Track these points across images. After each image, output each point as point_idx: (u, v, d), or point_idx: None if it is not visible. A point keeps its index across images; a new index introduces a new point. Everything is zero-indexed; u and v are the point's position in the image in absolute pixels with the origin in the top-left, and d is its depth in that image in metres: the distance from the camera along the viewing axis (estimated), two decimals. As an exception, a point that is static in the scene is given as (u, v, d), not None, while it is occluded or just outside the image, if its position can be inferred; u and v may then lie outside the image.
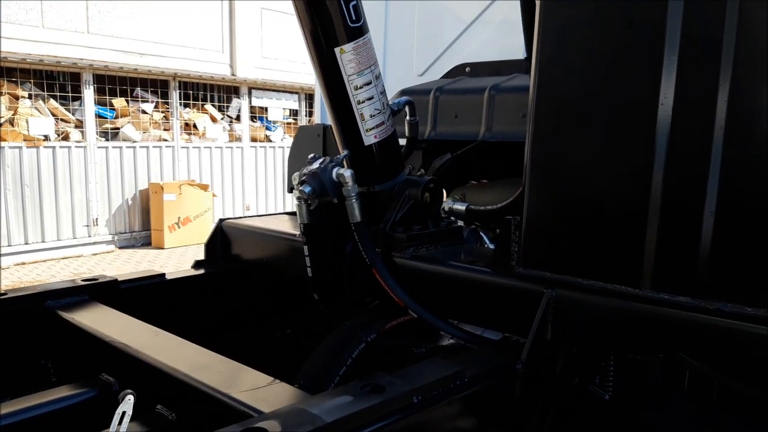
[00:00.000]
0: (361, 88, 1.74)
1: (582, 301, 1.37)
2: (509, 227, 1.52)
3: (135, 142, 10.35)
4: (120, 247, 10.29)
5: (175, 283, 2.03)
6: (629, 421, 1.65)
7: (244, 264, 2.25)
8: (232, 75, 11.79)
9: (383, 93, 1.81)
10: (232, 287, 2.23)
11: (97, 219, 9.98)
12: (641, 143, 1.28)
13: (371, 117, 1.78)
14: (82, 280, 1.83)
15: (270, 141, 12.64)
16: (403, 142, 2.08)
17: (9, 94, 9.15)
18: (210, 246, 2.29)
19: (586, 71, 1.37)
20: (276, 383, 1.23)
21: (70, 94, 9.78)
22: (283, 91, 12.86)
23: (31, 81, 9.46)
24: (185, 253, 9.88)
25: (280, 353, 2.26)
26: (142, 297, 1.89)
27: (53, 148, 9.43)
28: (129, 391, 1.05)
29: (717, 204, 1.21)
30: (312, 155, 1.79)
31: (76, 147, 9.68)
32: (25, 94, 9.36)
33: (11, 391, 1.50)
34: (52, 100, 9.62)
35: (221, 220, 2.30)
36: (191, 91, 11.34)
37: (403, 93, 2.57)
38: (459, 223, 2.25)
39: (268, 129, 12.74)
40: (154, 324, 1.63)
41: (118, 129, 10.22)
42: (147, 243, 10.55)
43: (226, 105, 12.01)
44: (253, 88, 12.34)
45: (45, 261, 9.33)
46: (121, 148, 10.17)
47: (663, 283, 1.28)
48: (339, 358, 1.67)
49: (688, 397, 1.77)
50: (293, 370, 1.68)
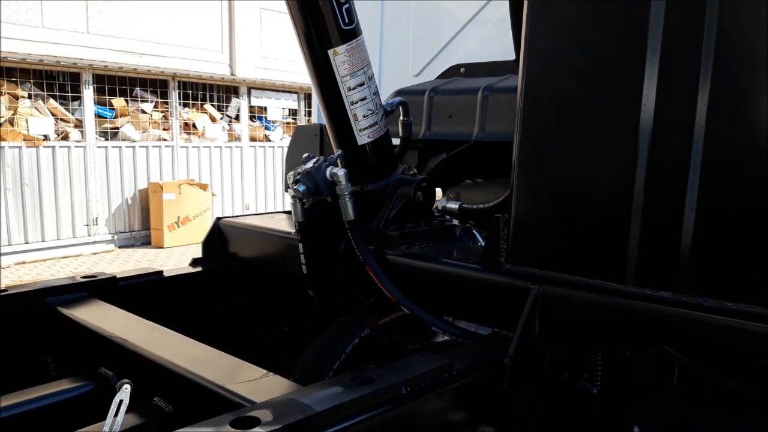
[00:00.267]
0: (354, 89, 1.78)
1: (568, 296, 1.41)
2: (498, 225, 1.56)
3: (134, 141, 10.39)
4: (120, 247, 10.32)
5: (172, 281, 2.07)
6: (617, 414, 1.68)
7: (240, 262, 2.29)
8: (232, 75, 11.83)
9: (376, 94, 1.85)
10: (229, 285, 2.26)
11: (96, 218, 10.02)
12: (625, 143, 1.32)
13: (364, 117, 1.82)
14: (81, 277, 1.86)
15: (269, 141, 12.67)
16: (396, 142, 2.11)
17: (9, 93, 9.18)
18: (207, 244, 2.32)
19: (572, 72, 1.41)
20: (270, 376, 1.27)
21: (70, 94, 9.82)
22: (282, 91, 12.89)
23: (31, 81, 9.49)
24: (185, 252, 9.91)
25: (276, 350, 2.29)
26: (139, 294, 1.92)
27: (53, 147, 9.46)
28: (126, 380, 1.09)
29: (697, 202, 1.24)
30: (306, 155, 1.82)
31: (76, 147, 9.71)
32: (25, 94, 9.39)
33: (11, 386, 1.52)
34: (51, 100, 9.65)
35: (218, 219, 2.34)
36: (191, 91, 11.38)
37: (399, 93, 2.61)
38: (454, 222, 2.29)
39: (267, 129, 12.78)
40: (151, 320, 1.66)
41: (118, 129, 10.26)
42: (146, 242, 10.59)
43: (225, 105, 12.04)
44: (253, 87, 12.37)
45: (45, 260, 9.36)
46: (120, 147, 10.21)
47: (646, 278, 1.31)
48: (333, 353, 1.71)
49: (676, 392, 1.81)
50: (289, 367, 1.71)
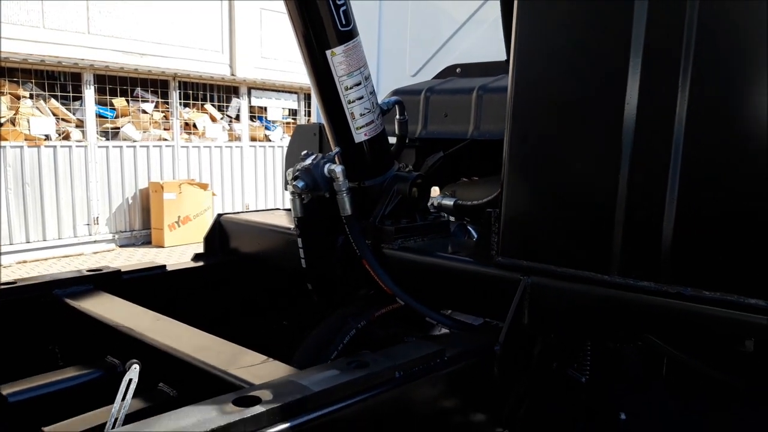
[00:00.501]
0: (351, 88, 1.84)
1: (556, 287, 1.47)
2: (489, 219, 1.62)
3: (135, 141, 10.44)
4: (120, 246, 10.38)
5: (175, 275, 2.13)
6: (605, 402, 1.74)
7: (241, 257, 2.34)
8: (232, 75, 11.88)
9: (372, 93, 1.91)
10: (230, 280, 2.32)
11: (97, 218, 10.07)
12: (609, 141, 1.38)
13: (361, 116, 1.88)
14: (87, 271, 1.92)
15: (269, 140, 12.73)
16: (393, 140, 2.18)
17: (10, 94, 9.23)
18: (209, 240, 2.38)
19: (559, 72, 1.47)
20: (270, 361, 1.33)
21: (71, 94, 9.87)
22: (282, 91, 12.95)
23: (33, 81, 9.54)
24: (185, 251, 9.96)
25: (275, 343, 2.35)
26: (143, 287, 1.98)
27: (54, 147, 9.51)
28: (134, 360, 1.15)
29: (678, 197, 1.30)
30: (305, 152, 1.88)
31: (77, 146, 9.76)
32: (27, 94, 9.44)
33: (20, 374, 1.59)
34: (53, 100, 9.70)
35: (219, 215, 2.40)
36: (191, 91, 11.44)
37: (396, 93, 2.67)
38: (450, 218, 2.35)
39: (267, 128, 12.83)
40: (154, 312, 1.72)
41: (119, 129, 10.31)
42: (147, 241, 10.65)
43: (225, 105, 12.10)
44: (253, 88, 12.43)
45: (46, 259, 9.42)
46: (121, 147, 10.26)
47: (629, 269, 1.37)
48: (330, 343, 1.77)
49: (664, 384, 1.87)
50: (288, 358, 1.77)
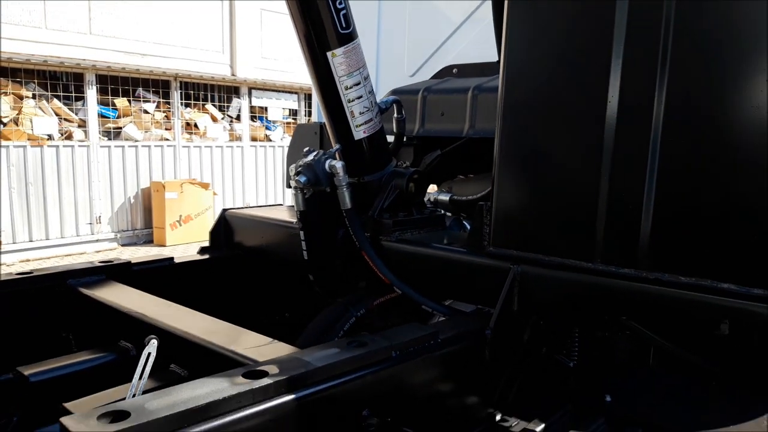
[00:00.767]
0: (351, 88, 1.93)
1: (543, 274, 1.56)
2: (481, 212, 1.71)
3: (137, 141, 10.53)
4: (122, 245, 10.47)
5: (182, 267, 2.22)
6: (592, 385, 1.83)
7: (245, 251, 2.44)
8: (233, 75, 11.97)
9: (371, 92, 2.00)
10: (235, 272, 2.41)
11: (100, 217, 10.17)
12: (592, 137, 1.47)
13: (360, 114, 1.97)
14: (99, 262, 2.02)
15: (270, 140, 12.82)
16: (391, 138, 2.27)
17: (13, 94, 9.32)
18: (214, 234, 2.48)
19: (547, 72, 1.56)
20: (275, 342, 1.43)
21: (73, 94, 9.95)
22: (282, 91, 13.04)
23: (35, 81, 9.62)
24: (187, 250, 10.05)
25: (278, 335, 2.44)
26: (152, 278, 2.07)
27: (57, 147, 9.59)
28: (153, 336, 1.23)
29: (656, 190, 1.40)
30: (307, 148, 1.97)
31: (80, 146, 9.85)
32: (29, 94, 9.53)
33: (37, 360, 1.68)
34: (55, 100, 9.79)
35: (224, 210, 2.49)
36: (192, 91, 11.53)
37: (394, 93, 2.76)
38: (447, 213, 2.44)
39: (267, 128, 12.93)
40: (162, 302, 1.80)
41: (121, 128, 10.40)
42: (149, 240, 10.74)
43: (226, 105, 12.19)
44: (253, 88, 12.52)
45: (49, 258, 9.51)
46: (123, 147, 10.35)
47: (611, 257, 1.46)
48: (331, 330, 1.86)
49: (648, 369, 1.96)
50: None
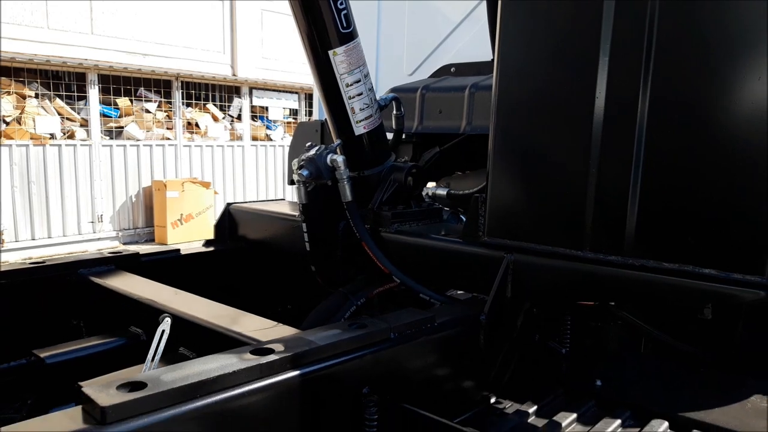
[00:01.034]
0: (351, 85, 2.00)
1: (535, 262, 1.64)
2: (476, 203, 1.78)
3: (139, 140, 10.61)
4: (124, 243, 10.54)
5: (188, 258, 2.30)
6: (583, 371, 1.90)
7: (249, 243, 2.51)
8: (233, 75, 12.05)
9: (371, 89, 2.07)
10: (238, 264, 2.49)
11: (101, 215, 10.24)
12: (581, 132, 1.54)
13: (361, 110, 2.04)
14: (108, 253, 2.09)
15: (270, 140, 12.90)
16: (390, 134, 2.34)
17: (16, 93, 9.40)
18: (219, 227, 2.55)
19: (538, 70, 1.63)
20: (279, 325, 1.50)
21: (76, 94, 10.04)
22: (283, 91, 13.12)
23: (38, 81, 9.71)
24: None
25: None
26: (159, 268, 2.14)
27: (59, 146, 9.67)
28: (167, 314, 1.30)
29: (641, 182, 1.47)
30: (309, 143, 2.05)
31: (82, 145, 9.93)
32: (32, 94, 9.61)
33: (50, 345, 1.75)
34: (58, 100, 9.87)
35: (229, 204, 2.56)
36: (193, 91, 11.61)
37: (393, 91, 2.83)
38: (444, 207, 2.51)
39: (268, 128, 13.01)
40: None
41: (123, 128, 10.49)
42: (150, 239, 10.81)
43: (227, 104, 12.28)
44: (254, 88, 12.60)
45: (51, 256, 9.58)
46: (125, 146, 10.43)
47: (600, 246, 1.54)
48: (332, 318, 1.93)
49: (637, 355, 2.04)
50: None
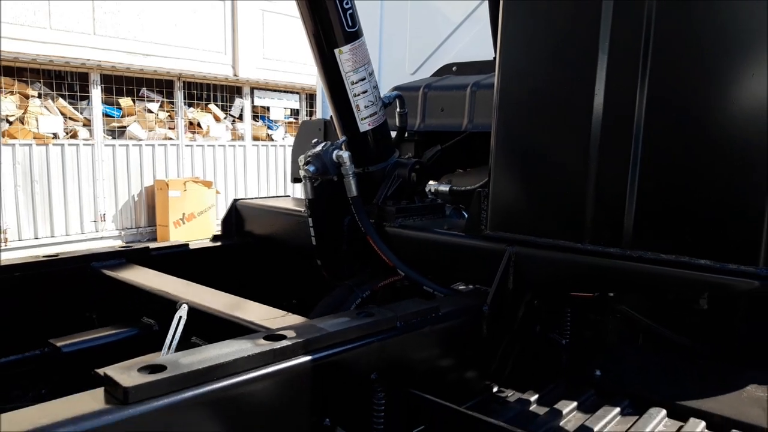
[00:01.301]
0: (356, 83, 2.05)
1: (536, 255, 1.69)
2: (479, 198, 1.83)
3: (141, 140, 10.66)
4: (126, 242, 10.59)
5: (196, 252, 2.35)
6: (583, 362, 1.95)
7: (255, 239, 2.56)
8: (235, 75, 12.10)
9: (376, 87, 2.12)
10: (245, 259, 2.53)
11: (104, 215, 10.29)
12: (581, 128, 1.59)
13: (365, 108, 2.09)
14: (119, 247, 2.14)
15: (272, 140, 12.96)
16: (394, 132, 2.39)
17: (19, 93, 9.45)
18: (226, 223, 2.60)
19: (538, 68, 1.68)
20: (289, 315, 1.55)
21: (78, 94, 10.09)
22: (284, 91, 13.17)
23: (41, 81, 9.76)
24: (190, 247, 10.16)
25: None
26: (169, 262, 2.19)
27: (62, 145, 9.72)
28: (184, 301, 1.35)
29: (639, 176, 1.52)
30: (315, 140, 2.10)
31: (84, 145, 9.98)
32: (35, 94, 9.66)
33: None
34: (60, 99, 9.92)
35: (235, 200, 2.61)
36: (195, 91, 11.67)
37: (396, 89, 2.89)
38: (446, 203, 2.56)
39: (269, 128, 13.06)
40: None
41: (125, 128, 10.54)
42: (153, 238, 10.86)
43: (229, 104, 12.33)
44: (255, 88, 12.65)
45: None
46: (127, 146, 10.49)
47: (599, 238, 1.59)
48: (339, 310, 1.98)
49: (635, 347, 2.08)
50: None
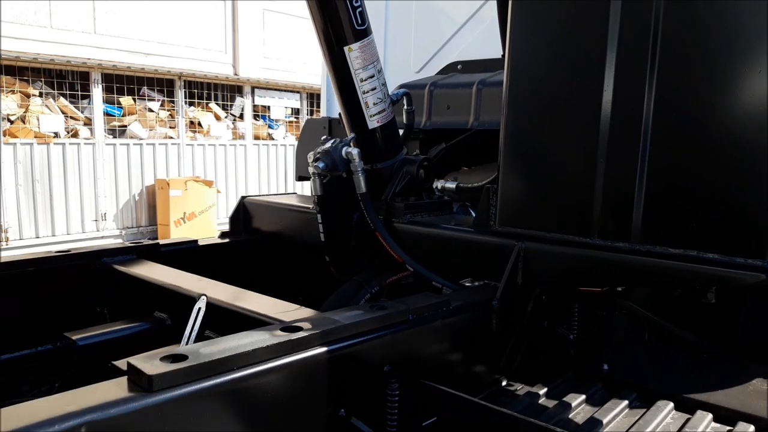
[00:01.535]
0: (365, 80, 2.07)
1: (545, 250, 1.71)
2: (488, 194, 1.85)
3: (142, 139, 10.67)
4: (127, 242, 10.61)
5: (205, 248, 2.36)
6: (590, 356, 1.97)
7: (263, 235, 2.58)
8: (235, 75, 12.11)
9: (384, 85, 2.14)
10: (253, 255, 2.55)
11: (105, 214, 10.30)
12: (589, 125, 1.61)
13: (374, 105, 2.11)
14: (130, 243, 2.16)
15: (272, 139, 12.97)
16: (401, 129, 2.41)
17: (21, 92, 9.46)
18: (234, 219, 2.62)
19: (548, 66, 1.70)
20: (302, 308, 1.57)
21: (80, 93, 10.10)
22: (285, 91, 13.19)
23: (42, 80, 9.76)
24: (191, 246, 10.17)
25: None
26: (178, 258, 2.20)
27: (63, 144, 9.73)
28: (203, 293, 1.37)
29: (647, 172, 1.54)
30: (324, 137, 2.12)
31: (85, 144, 9.99)
32: (36, 93, 9.67)
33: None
34: (62, 99, 9.93)
35: (243, 197, 2.63)
36: (196, 90, 11.68)
37: (402, 87, 2.90)
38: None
39: (270, 127, 13.08)
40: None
41: (126, 127, 10.54)
42: (153, 238, 10.85)
43: (229, 104, 12.34)
44: (256, 87, 12.66)
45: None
46: (128, 145, 10.49)
47: (607, 233, 1.61)
48: (348, 306, 2.00)
49: (643, 342, 2.11)
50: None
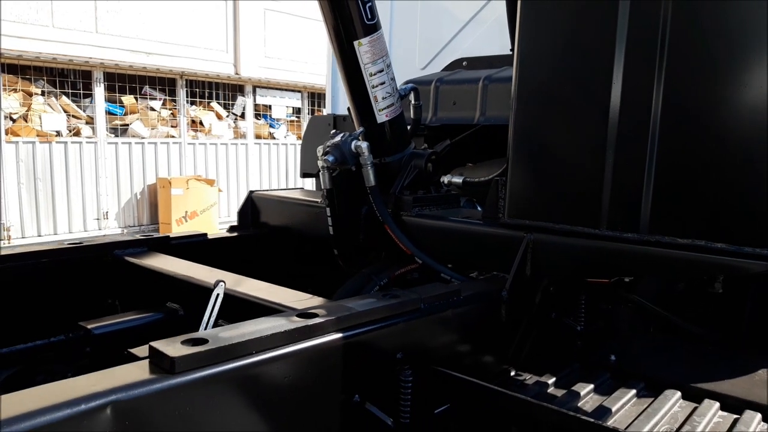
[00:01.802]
0: (375, 74, 2.09)
1: (554, 241, 1.73)
2: (497, 186, 1.87)
3: (143, 138, 10.70)
4: (129, 240, 10.62)
5: (214, 242, 2.38)
6: (598, 347, 1.99)
7: (271, 229, 2.60)
8: (237, 74, 12.13)
9: (393, 79, 2.16)
10: (261, 249, 2.57)
11: (107, 212, 10.32)
12: (599, 119, 1.63)
13: (383, 99, 2.13)
14: (140, 236, 2.18)
15: (273, 138, 13.00)
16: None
17: (23, 90, 9.48)
18: (242, 214, 2.64)
19: (557, 62, 1.72)
20: (314, 297, 1.59)
21: (82, 92, 10.12)
22: (286, 90, 13.21)
23: (44, 78, 9.78)
24: (192, 245, 10.19)
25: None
26: (188, 250, 2.22)
27: (65, 143, 9.76)
28: (221, 279, 1.39)
29: (656, 163, 1.56)
30: (334, 131, 2.13)
31: (87, 143, 10.01)
32: (39, 91, 9.69)
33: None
34: (64, 97, 9.95)
35: (251, 192, 2.66)
36: (197, 89, 11.70)
37: (408, 83, 2.93)
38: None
39: (271, 126, 13.10)
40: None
41: (128, 125, 10.57)
42: (155, 236, 10.89)
43: (231, 103, 12.36)
44: (257, 86, 12.69)
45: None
46: (130, 143, 10.52)
47: (616, 223, 1.63)
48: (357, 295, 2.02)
49: (652, 335, 2.13)
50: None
